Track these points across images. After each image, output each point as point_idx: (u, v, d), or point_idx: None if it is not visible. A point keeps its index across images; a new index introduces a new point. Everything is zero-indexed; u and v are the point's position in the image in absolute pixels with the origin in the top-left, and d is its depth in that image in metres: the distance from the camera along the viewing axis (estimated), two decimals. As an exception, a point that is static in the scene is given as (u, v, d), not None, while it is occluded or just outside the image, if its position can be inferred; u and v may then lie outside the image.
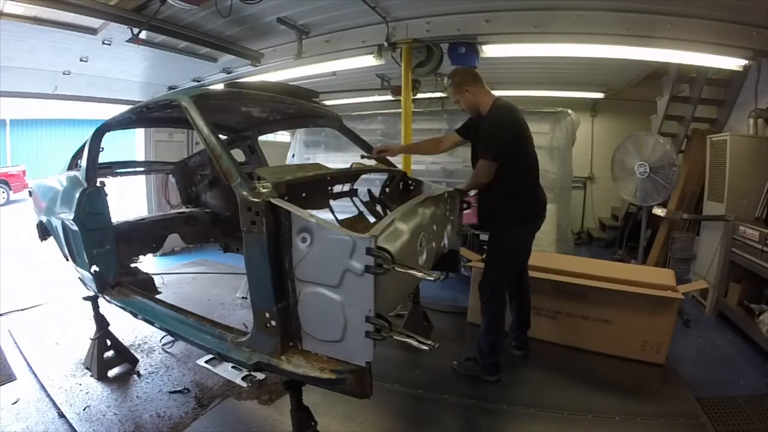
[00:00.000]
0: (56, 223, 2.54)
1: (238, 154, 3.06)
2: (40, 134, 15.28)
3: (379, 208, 2.76)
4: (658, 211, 4.22)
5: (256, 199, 1.41)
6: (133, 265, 2.86)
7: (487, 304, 2.55)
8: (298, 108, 2.53)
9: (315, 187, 2.21)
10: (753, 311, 3.13)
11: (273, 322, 1.47)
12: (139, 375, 2.68)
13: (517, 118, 2.40)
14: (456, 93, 2.48)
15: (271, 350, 1.50)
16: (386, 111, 5.44)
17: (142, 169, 4.30)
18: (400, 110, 3.86)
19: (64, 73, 4.38)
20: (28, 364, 2.79)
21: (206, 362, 2.77)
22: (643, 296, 2.75)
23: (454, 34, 3.41)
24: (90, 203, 2.27)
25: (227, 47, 3.89)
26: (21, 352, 2.95)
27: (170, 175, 3.81)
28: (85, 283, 2.56)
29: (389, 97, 5.06)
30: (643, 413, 2.28)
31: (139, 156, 5.63)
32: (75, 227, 2.26)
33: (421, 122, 4.92)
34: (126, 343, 2.90)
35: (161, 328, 2.11)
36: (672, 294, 2.74)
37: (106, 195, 2.38)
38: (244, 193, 1.44)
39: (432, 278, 1.36)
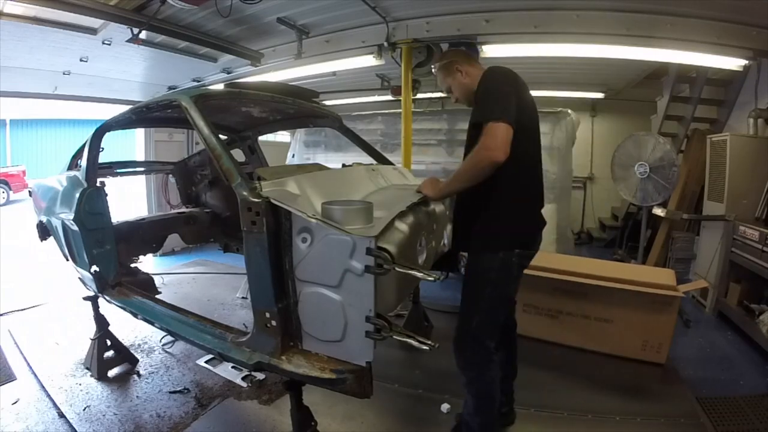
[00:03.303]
0: (56, 223, 2.54)
1: (238, 154, 3.05)
2: (40, 134, 15.28)
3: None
4: (658, 211, 4.22)
5: (256, 200, 1.41)
6: (133, 265, 2.86)
7: (469, 369, 1.77)
8: (298, 108, 2.52)
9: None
10: (753, 311, 3.13)
11: (273, 322, 1.47)
12: (139, 375, 2.68)
13: (515, 76, 1.72)
14: (446, 77, 1.88)
15: (271, 350, 1.50)
16: (386, 111, 5.45)
17: (142, 169, 4.31)
18: (400, 110, 3.86)
19: (64, 73, 4.38)
20: (28, 364, 2.79)
21: (206, 362, 2.77)
22: (644, 295, 2.75)
23: (454, 34, 3.40)
24: (90, 203, 2.27)
25: (227, 47, 3.89)
26: (21, 352, 2.95)
27: (170, 175, 3.82)
28: (85, 283, 2.57)
29: (389, 97, 5.06)
30: (643, 413, 2.28)
31: (139, 156, 5.64)
32: (75, 227, 2.26)
33: (421, 122, 4.93)
34: (126, 343, 2.90)
35: (161, 328, 2.11)
36: (672, 292, 2.74)
37: (106, 195, 2.38)
38: (245, 193, 1.44)
39: (432, 278, 1.36)
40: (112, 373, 2.67)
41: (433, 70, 1.97)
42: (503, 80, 1.67)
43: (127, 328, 3.14)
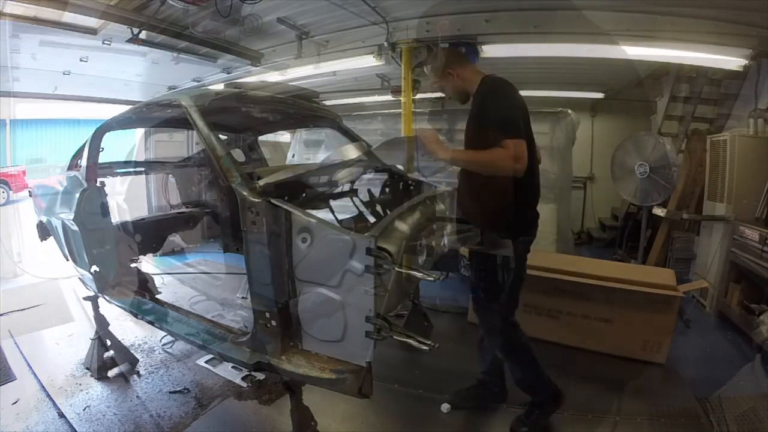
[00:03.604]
0: (56, 223, 2.54)
1: (238, 154, 3.05)
2: (40, 134, 15.28)
3: (379, 208, 2.75)
4: (658, 211, 4.22)
5: (256, 199, 1.41)
6: (133, 265, 2.86)
7: (509, 350, 2.06)
8: (298, 108, 2.53)
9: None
10: (753, 311, 3.13)
11: (273, 322, 1.47)
12: (139, 375, 2.68)
13: (518, 92, 1.85)
14: (439, 79, 1.97)
15: (271, 350, 1.51)
16: (386, 111, 5.45)
17: (142, 169, 4.30)
18: (400, 110, 3.86)
19: (64, 73, 4.39)
20: (28, 364, 2.79)
21: (206, 362, 2.77)
22: (644, 295, 2.75)
23: (454, 34, 3.41)
24: (90, 203, 2.27)
25: (227, 47, 3.89)
26: (21, 352, 2.94)
27: (170, 175, 3.82)
28: (85, 283, 2.57)
29: (389, 97, 5.06)
30: (643, 413, 2.28)
31: (139, 156, 5.63)
32: (75, 227, 2.26)
33: (421, 122, 4.93)
34: (126, 343, 2.90)
35: (161, 328, 2.11)
36: (672, 292, 2.74)
37: (106, 195, 2.38)
38: (245, 193, 1.45)
39: (432, 278, 1.36)
40: (112, 373, 2.67)
41: (425, 70, 2.06)
42: (515, 96, 1.82)
43: (127, 328, 3.14)
